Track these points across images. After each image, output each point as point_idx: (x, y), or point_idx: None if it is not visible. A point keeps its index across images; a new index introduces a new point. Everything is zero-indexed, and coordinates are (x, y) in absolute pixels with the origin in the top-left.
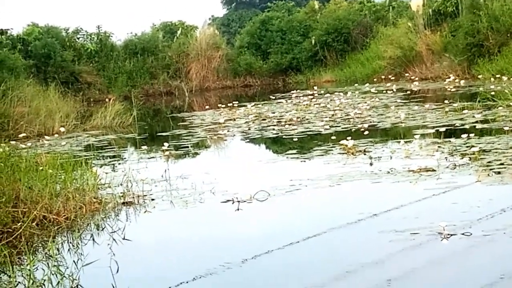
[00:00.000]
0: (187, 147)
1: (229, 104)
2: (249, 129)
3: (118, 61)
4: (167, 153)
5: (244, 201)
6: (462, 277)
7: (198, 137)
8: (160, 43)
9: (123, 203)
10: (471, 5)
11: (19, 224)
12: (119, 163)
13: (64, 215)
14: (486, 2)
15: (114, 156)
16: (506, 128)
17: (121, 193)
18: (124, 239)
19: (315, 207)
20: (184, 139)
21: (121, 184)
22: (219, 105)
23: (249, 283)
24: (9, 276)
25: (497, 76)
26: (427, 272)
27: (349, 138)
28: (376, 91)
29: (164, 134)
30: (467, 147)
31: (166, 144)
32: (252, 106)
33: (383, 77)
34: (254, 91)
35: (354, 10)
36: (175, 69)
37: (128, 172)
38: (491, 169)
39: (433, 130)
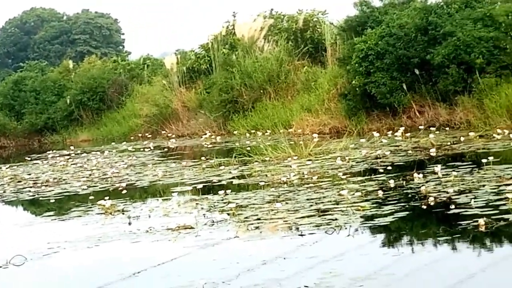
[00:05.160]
0: None
1: None
2: (4, 192)
3: None
4: None
5: (0, 267)
6: None
7: None
8: None
9: None
10: (224, 62)
11: None
12: None
13: None
14: (239, 59)
15: None
16: (261, 183)
17: None
18: None
19: (74, 270)
20: None
21: None
22: None
23: None
24: None
25: (252, 131)
26: None
27: (107, 197)
28: (133, 149)
29: None
30: (224, 203)
31: None
32: (7, 168)
33: (140, 135)
34: (8, 152)
35: (108, 68)
36: None
37: None
38: (249, 224)
39: (191, 187)
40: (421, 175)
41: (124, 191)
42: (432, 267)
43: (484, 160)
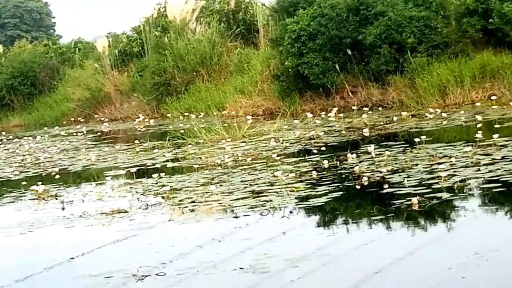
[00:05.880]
0: None
1: None
2: None
3: None
4: None
5: None
6: None
7: None
8: None
9: None
10: (157, 45)
11: None
12: None
13: None
14: (171, 41)
15: None
16: (195, 166)
17: None
18: None
19: (7, 256)
20: None
21: None
22: None
23: None
24: None
25: (186, 114)
26: None
27: (40, 183)
28: (66, 134)
29: None
30: (158, 186)
31: None
32: None
33: (72, 119)
34: None
35: (39, 52)
36: None
37: None
38: (184, 207)
39: (124, 171)
40: (354, 155)
41: (57, 176)
42: (367, 247)
43: (416, 139)
